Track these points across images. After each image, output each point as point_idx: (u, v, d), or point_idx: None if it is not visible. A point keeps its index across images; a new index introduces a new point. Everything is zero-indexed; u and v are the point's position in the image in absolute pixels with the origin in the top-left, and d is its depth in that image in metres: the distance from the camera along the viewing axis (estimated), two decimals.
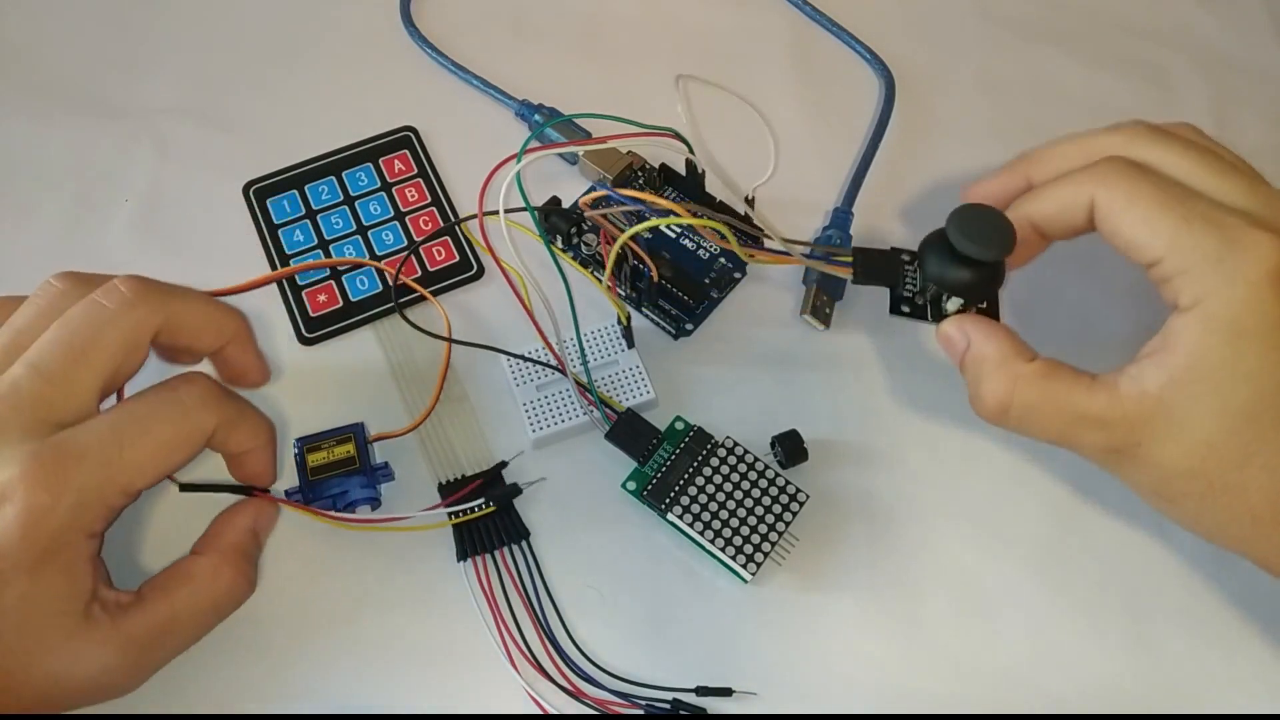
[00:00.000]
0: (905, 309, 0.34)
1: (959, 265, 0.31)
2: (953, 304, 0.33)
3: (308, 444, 0.36)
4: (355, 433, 0.36)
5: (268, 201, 0.43)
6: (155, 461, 0.30)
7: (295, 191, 0.43)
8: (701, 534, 0.34)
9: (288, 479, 0.36)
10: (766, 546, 0.34)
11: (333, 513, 0.34)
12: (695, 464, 0.35)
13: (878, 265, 0.34)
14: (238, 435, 0.33)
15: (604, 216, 0.36)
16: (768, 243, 0.36)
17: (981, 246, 0.30)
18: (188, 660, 0.34)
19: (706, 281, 0.40)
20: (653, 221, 0.35)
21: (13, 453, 0.28)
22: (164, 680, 0.33)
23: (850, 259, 0.33)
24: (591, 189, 0.35)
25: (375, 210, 0.43)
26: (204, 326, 0.33)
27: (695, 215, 0.34)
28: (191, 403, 0.31)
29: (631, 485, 0.36)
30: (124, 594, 0.31)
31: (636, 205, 0.33)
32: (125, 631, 0.30)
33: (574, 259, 0.39)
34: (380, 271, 0.41)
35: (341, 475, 0.35)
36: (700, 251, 0.41)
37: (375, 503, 0.36)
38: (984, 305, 0.34)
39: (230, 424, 0.32)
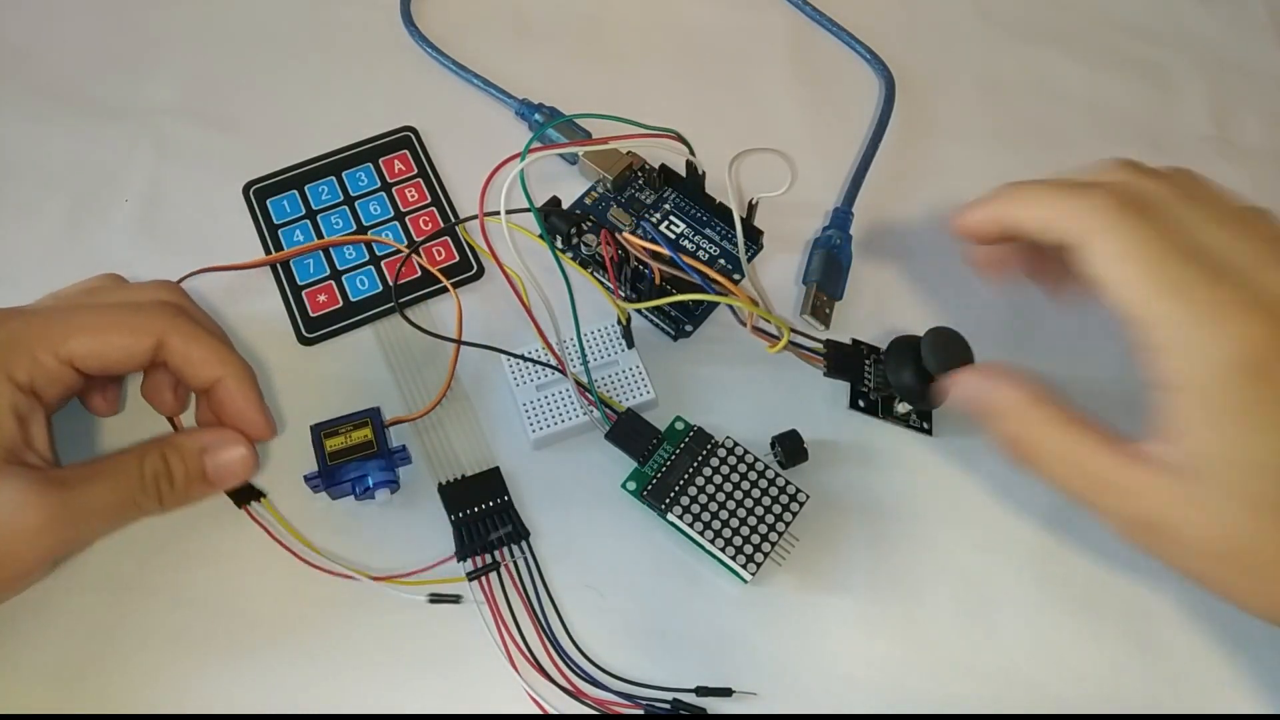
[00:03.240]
0: (861, 404, 0.38)
1: (915, 376, 0.35)
2: (902, 406, 0.38)
3: (324, 429, 0.36)
4: (372, 417, 0.36)
5: (268, 201, 0.43)
6: (94, 336, 0.31)
7: (295, 191, 0.43)
8: (701, 534, 0.34)
9: (306, 464, 0.36)
10: (766, 546, 0.34)
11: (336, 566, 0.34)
12: (695, 464, 0.35)
13: (845, 361, 0.37)
14: (195, 353, 0.33)
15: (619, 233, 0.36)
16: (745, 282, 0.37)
17: (946, 371, 0.34)
18: (187, 659, 0.34)
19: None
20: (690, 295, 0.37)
21: None
22: (163, 679, 0.33)
23: (825, 351, 0.37)
24: (643, 234, 0.36)
25: (375, 210, 0.43)
26: (207, 354, 0.33)
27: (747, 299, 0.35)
28: (145, 300, 0.33)
29: (631, 485, 0.36)
30: (58, 468, 0.31)
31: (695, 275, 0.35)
32: (45, 483, 0.29)
33: (573, 259, 0.39)
34: (382, 266, 0.41)
35: (360, 459, 0.35)
36: (700, 253, 0.41)
37: (394, 486, 0.36)
38: (928, 418, 0.38)
39: (184, 337, 0.32)
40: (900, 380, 0.36)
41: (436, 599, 0.34)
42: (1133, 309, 0.27)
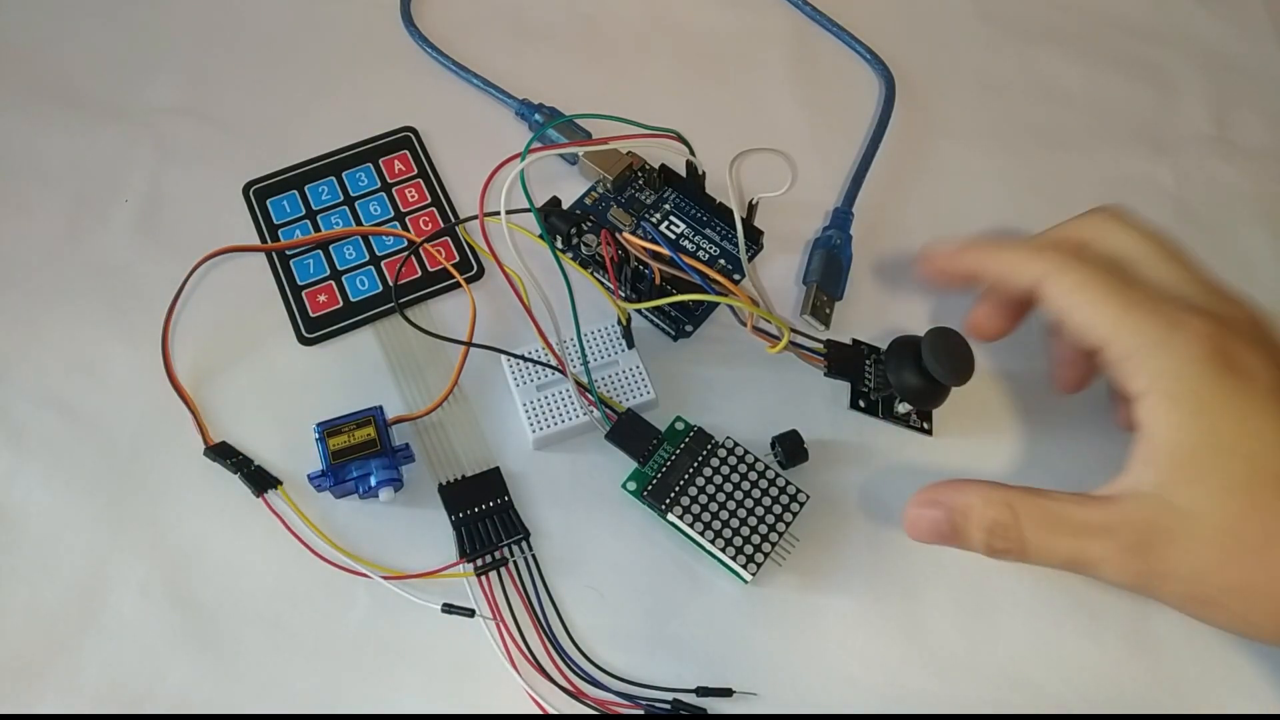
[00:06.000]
0: (861, 404, 0.37)
1: (917, 376, 0.35)
2: (902, 406, 0.38)
3: (328, 428, 0.36)
4: (375, 415, 0.36)
5: (268, 201, 0.43)
6: None
7: (295, 192, 0.43)
8: (702, 534, 0.34)
9: (311, 463, 0.36)
10: (766, 547, 0.34)
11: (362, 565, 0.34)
12: (695, 464, 0.35)
13: (845, 361, 0.37)
14: None
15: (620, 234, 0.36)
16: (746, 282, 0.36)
17: (947, 371, 0.34)
18: (186, 659, 0.34)
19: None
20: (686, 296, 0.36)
21: None
22: (162, 679, 0.33)
23: (825, 351, 0.37)
24: (648, 236, 0.36)
25: (375, 210, 0.43)
26: None
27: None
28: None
29: (631, 485, 0.36)
30: None
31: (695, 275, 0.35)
32: None
33: (573, 259, 0.39)
34: (383, 268, 0.41)
35: (363, 458, 0.35)
36: (700, 253, 0.41)
37: (397, 484, 0.36)
38: (928, 418, 0.38)
39: None
40: (901, 380, 0.36)
41: (450, 609, 0.34)
42: (1096, 328, 0.30)
